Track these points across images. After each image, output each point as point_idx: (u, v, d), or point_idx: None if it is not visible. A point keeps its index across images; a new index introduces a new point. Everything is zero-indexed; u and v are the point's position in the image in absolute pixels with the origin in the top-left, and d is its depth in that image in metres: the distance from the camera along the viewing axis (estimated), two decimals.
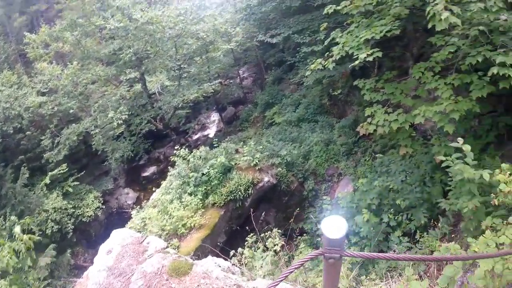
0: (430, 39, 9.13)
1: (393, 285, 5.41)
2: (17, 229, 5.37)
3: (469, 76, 8.04)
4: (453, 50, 8.23)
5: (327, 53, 10.01)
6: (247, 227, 9.95)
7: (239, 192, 13.29)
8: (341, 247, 1.81)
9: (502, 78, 7.14)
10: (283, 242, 7.07)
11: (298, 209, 12.15)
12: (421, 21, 11.09)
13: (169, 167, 15.21)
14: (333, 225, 1.77)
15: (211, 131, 28.81)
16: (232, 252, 7.21)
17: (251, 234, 7.63)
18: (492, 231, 5.40)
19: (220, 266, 4.81)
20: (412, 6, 8.56)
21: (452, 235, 8.85)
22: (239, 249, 7.20)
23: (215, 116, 30.21)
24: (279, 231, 7.51)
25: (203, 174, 13.47)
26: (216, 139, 16.41)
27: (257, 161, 14.32)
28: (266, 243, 7.02)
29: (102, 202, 19.52)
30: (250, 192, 13.61)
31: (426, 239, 8.61)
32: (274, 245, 6.89)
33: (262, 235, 7.40)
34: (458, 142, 6.07)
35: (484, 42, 7.74)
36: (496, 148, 10.22)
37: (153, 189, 15.40)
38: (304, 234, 13.19)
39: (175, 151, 14.49)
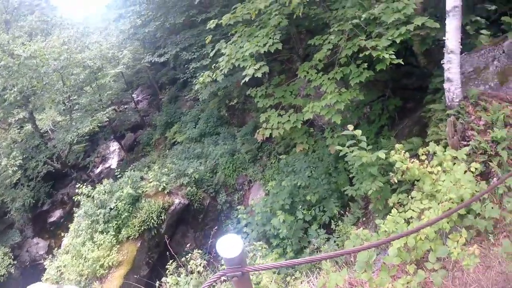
0: (310, 41, 9.66)
1: (315, 281, 5.51)
2: None
3: (348, 68, 8.60)
4: (330, 47, 8.72)
5: (214, 65, 10.11)
6: (168, 254, 9.63)
7: (152, 220, 12.77)
8: (241, 263, 1.81)
9: (378, 61, 7.71)
10: (205, 261, 6.88)
11: (215, 226, 12.07)
12: (303, 23, 11.70)
13: (74, 208, 14.20)
14: (228, 244, 1.75)
15: (113, 162, 27.43)
16: (157, 284, 6.87)
17: (170, 260, 7.34)
18: (400, 207, 5.76)
19: None
20: (290, 12, 8.95)
21: (365, 218, 9.35)
22: (163, 279, 6.88)
23: (114, 145, 28.81)
24: (199, 251, 7.31)
25: (111, 208, 12.68)
26: (119, 170, 15.67)
27: (164, 185, 13.94)
28: (189, 266, 6.79)
29: (12, 257, 17.84)
30: (163, 217, 13.16)
31: (341, 227, 8.98)
32: (197, 267, 6.68)
33: (183, 258, 7.14)
34: (348, 129, 6.40)
35: (360, 34, 8.26)
36: (390, 129, 10.96)
37: (63, 234, 14.31)
38: None
39: (77, 190, 13.52)
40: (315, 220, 10.66)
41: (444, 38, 6.84)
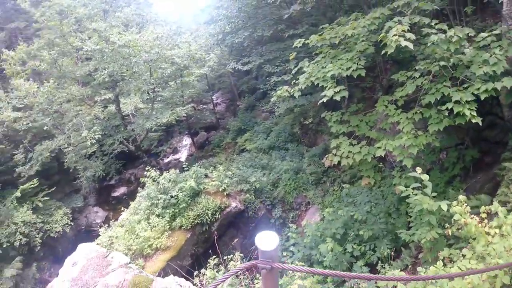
0: (394, 75, 9.49)
1: None
2: None
3: (429, 110, 8.26)
4: (412, 89, 8.53)
5: (294, 81, 10.23)
6: (211, 252, 9.91)
7: (206, 216, 13.26)
8: (273, 259, 1.94)
9: (459, 114, 7.39)
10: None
11: None
12: (391, 53, 11.56)
13: (139, 188, 15.09)
14: (266, 239, 1.91)
15: (182, 155, 28.71)
16: (195, 273, 7.19)
17: (214, 256, 7.64)
18: (449, 262, 5.57)
19: (181, 286, 4.82)
20: (377, 41, 8.92)
21: (413, 267, 9.02)
22: (202, 270, 7.19)
23: (187, 140, 30.16)
24: (241, 254, 7.55)
25: (171, 196, 13.43)
26: (187, 163, 16.38)
27: (225, 186, 14.40)
28: (228, 266, 7.05)
29: (71, 219, 19.39)
30: (217, 216, 13.60)
31: (387, 270, 8.72)
32: (235, 268, 6.90)
33: (225, 257, 7.42)
34: (416, 172, 6.28)
35: (447, 76, 8.03)
36: (461, 181, 10.41)
37: (122, 209, 15.20)
38: None
39: (145, 172, 14.42)
40: (363, 257, 10.39)
41: None
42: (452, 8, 10.28)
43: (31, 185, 18.19)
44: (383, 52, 7.66)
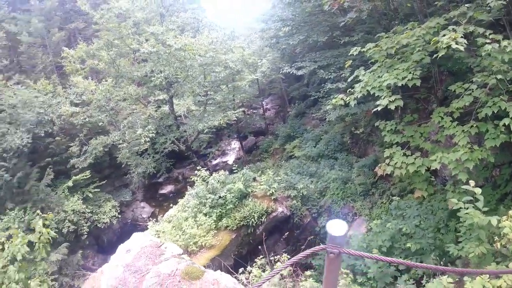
0: (450, 86, 9.31)
1: None
2: (39, 222, 5.69)
3: (486, 124, 8.11)
4: (469, 101, 8.37)
5: (349, 90, 10.27)
6: (254, 256, 10.04)
7: (253, 219, 13.50)
8: (341, 244, 2.09)
9: None
10: (291, 267, 7.20)
11: (308, 245, 12.13)
12: (446, 64, 11.29)
13: (188, 186, 15.55)
14: (336, 226, 2.06)
15: (230, 158, 29.23)
16: (241, 270, 7.38)
17: (261, 256, 7.79)
18: (495, 278, 5.43)
19: (229, 281, 5.01)
20: (434, 50, 8.81)
21: (457, 284, 8.76)
22: (248, 267, 7.37)
23: (235, 144, 30.68)
24: (288, 256, 7.66)
25: (220, 197, 13.79)
26: (236, 166, 16.67)
27: (273, 191, 14.59)
28: (274, 266, 7.17)
29: (118, 211, 20.46)
30: (263, 220, 13.80)
31: (431, 284, 8.54)
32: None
33: (272, 258, 7.56)
34: (469, 185, 6.17)
35: (503, 90, 7.87)
36: None
37: (170, 205, 15.73)
38: (312, 270, 13.09)
39: (196, 172, 14.91)
40: (408, 271, 10.20)
41: None
42: (509, 19, 9.92)
43: (83, 176, 19.30)
44: (434, 56, 7.61)
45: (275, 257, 7.58)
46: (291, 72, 20.52)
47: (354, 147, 19.89)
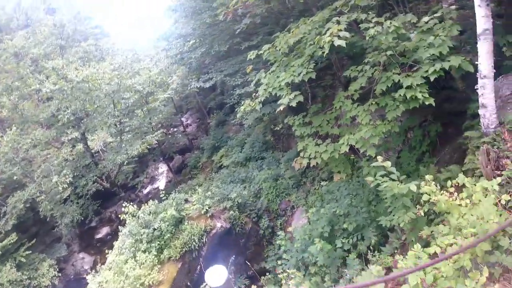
0: (345, 72, 9.71)
1: None
2: None
3: (384, 99, 8.51)
4: (364, 82, 8.77)
5: (254, 94, 10.38)
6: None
7: (194, 242, 13.11)
8: None
9: (412, 98, 7.65)
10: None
11: (257, 251, 12.09)
12: (343, 50, 11.76)
13: (120, 226, 14.86)
14: (214, 274, 1.93)
15: (161, 183, 28.42)
16: None
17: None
18: (432, 240, 5.58)
19: None
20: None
21: (402, 250, 9.08)
22: None
23: (163, 167, 29.87)
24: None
25: (154, 229, 13.19)
26: (164, 191, 16.21)
27: (207, 208, 14.34)
28: None
29: (57, 270, 18.84)
30: (204, 240, 13.50)
31: (377, 257, 8.78)
32: None
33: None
34: (377, 160, 6.39)
35: (396, 64, 8.29)
36: (431, 156, 10.62)
37: (107, 251, 14.92)
38: (267, 274, 13.05)
39: (123, 209, 14.18)
40: (355, 249, 10.46)
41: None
42: None
43: (9, 241, 17.47)
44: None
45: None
46: (200, 86, 20.45)
47: (277, 143, 20.22)
